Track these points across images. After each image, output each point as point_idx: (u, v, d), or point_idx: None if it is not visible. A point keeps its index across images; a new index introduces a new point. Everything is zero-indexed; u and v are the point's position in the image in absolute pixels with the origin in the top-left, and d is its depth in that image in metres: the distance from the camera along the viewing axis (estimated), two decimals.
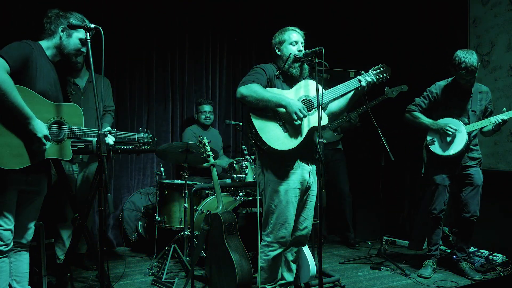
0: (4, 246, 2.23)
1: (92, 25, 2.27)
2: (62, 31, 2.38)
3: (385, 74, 2.71)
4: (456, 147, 3.48)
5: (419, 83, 3.73)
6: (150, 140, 2.90)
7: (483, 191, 3.55)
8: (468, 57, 3.36)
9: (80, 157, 3.47)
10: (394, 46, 5.09)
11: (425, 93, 3.71)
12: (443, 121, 3.55)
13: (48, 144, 2.25)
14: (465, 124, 3.51)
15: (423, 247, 4.46)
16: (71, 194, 2.72)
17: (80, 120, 2.44)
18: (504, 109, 3.40)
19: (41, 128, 2.18)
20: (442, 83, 3.66)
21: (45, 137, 2.20)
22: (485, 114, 3.59)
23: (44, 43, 2.39)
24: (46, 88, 2.30)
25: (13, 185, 2.21)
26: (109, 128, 2.71)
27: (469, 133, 3.48)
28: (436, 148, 3.57)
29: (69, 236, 3.51)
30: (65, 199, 3.35)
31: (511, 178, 4.00)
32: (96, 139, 2.26)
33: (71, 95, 3.45)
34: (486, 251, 3.92)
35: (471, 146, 3.54)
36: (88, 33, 2.27)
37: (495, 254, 3.88)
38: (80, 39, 2.41)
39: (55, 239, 3.53)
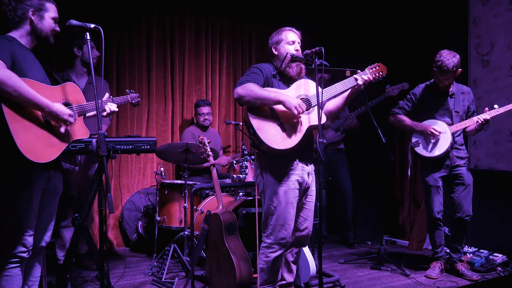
0: (27, 253, 2.17)
1: (92, 25, 2.22)
2: (32, 14, 2.18)
3: (381, 73, 2.73)
4: (441, 148, 3.49)
5: (420, 81, 3.73)
6: (140, 99, 2.92)
7: (484, 191, 3.55)
8: (447, 57, 3.35)
9: (79, 158, 3.47)
10: (394, 45, 5.09)
11: (408, 96, 3.72)
12: (427, 123, 3.57)
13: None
14: (449, 124, 3.52)
15: (423, 247, 4.46)
16: (71, 194, 2.71)
17: (81, 96, 2.39)
18: (486, 108, 3.42)
19: (62, 109, 2.14)
20: (424, 84, 3.67)
21: (70, 115, 2.17)
22: (468, 114, 3.60)
23: (15, 33, 2.21)
24: (39, 76, 2.23)
25: (38, 183, 2.18)
26: (107, 94, 2.67)
27: (452, 134, 3.49)
28: (421, 150, 3.58)
29: (69, 236, 3.51)
30: (65, 199, 3.35)
31: (511, 178, 4.00)
32: (96, 139, 2.25)
33: None
34: (486, 251, 3.92)
35: (457, 146, 3.55)
36: (87, 33, 2.23)
37: (495, 254, 3.87)
38: (53, 18, 2.27)
39: (55, 239, 3.53)
